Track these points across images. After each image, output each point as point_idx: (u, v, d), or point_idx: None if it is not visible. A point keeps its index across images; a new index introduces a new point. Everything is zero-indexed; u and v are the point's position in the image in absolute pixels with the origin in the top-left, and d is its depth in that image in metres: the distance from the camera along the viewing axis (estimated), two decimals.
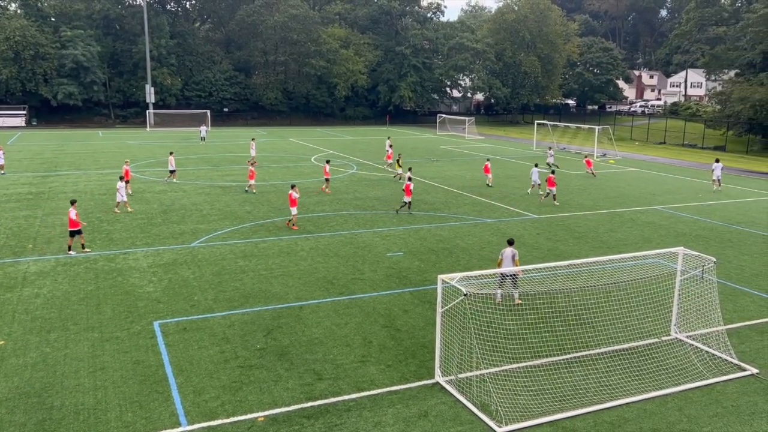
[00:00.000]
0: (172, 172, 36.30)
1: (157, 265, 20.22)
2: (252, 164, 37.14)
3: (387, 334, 15.21)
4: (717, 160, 38.57)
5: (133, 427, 11.02)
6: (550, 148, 42.39)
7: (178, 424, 11.14)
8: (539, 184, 34.34)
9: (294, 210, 25.31)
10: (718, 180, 37.09)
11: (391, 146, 47.03)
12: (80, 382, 12.57)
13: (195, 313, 16.32)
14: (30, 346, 14.11)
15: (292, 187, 25.63)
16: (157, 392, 12.22)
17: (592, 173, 41.46)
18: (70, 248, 21.50)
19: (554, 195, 31.69)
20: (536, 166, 35.82)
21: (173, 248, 22.28)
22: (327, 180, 33.85)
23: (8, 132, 67.52)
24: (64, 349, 14.04)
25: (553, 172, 32.95)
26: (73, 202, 21.89)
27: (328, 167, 33.96)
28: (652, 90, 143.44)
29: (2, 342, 14.30)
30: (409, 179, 29.13)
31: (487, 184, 36.61)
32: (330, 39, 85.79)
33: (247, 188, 33.53)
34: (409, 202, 28.46)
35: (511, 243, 17.61)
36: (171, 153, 38.23)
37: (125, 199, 27.95)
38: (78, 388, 12.30)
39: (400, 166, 38.46)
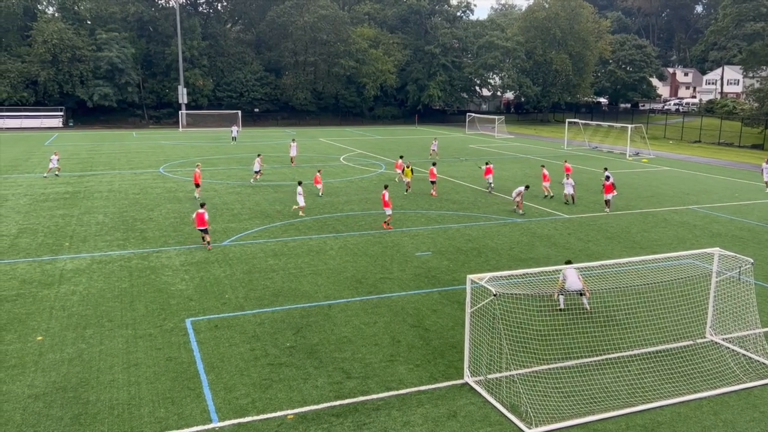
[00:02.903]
0: (257, 172, 37.03)
1: (189, 264, 20.53)
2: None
3: (416, 333, 15.20)
4: None
5: (166, 423, 11.20)
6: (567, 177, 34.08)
7: (209, 421, 11.29)
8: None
9: (388, 210, 25.38)
10: None
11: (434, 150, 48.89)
12: (115, 377, 12.83)
13: (226, 311, 16.52)
14: (67, 342, 14.45)
15: (385, 187, 25.94)
16: (189, 389, 12.40)
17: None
18: (209, 243, 22.50)
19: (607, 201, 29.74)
20: (606, 169, 34.84)
21: (205, 247, 22.57)
22: (433, 182, 33.22)
23: (46, 132, 69.26)
24: (99, 345, 14.34)
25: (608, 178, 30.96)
26: (202, 205, 22.65)
27: (435, 169, 33.44)
28: (687, 87, 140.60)
29: (40, 338, 14.68)
30: (486, 162, 34.83)
31: (545, 196, 32.56)
32: (359, 39, 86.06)
33: (320, 194, 32.21)
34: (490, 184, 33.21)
35: (569, 263, 16.70)
36: (259, 155, 38.98)
37: (303, 204, 27.65)
38: (112, 384, 12.56)
39: (412, 173, 34.30)
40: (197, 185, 31.78)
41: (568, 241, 23.94)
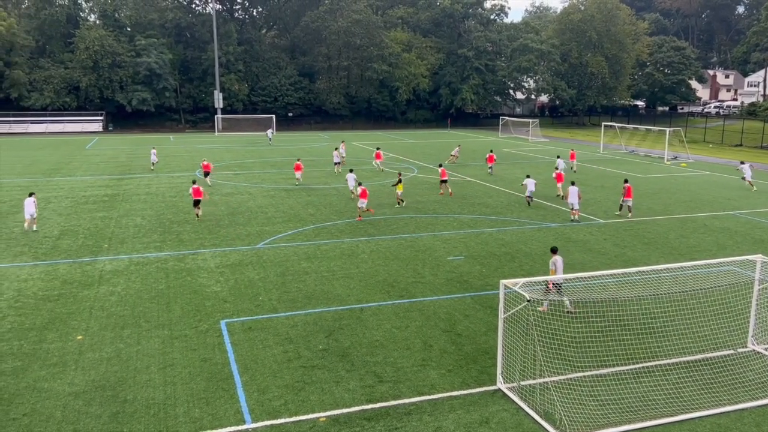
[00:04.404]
0: (337, 163, 41.26)
1: (224, 266, 20.81)
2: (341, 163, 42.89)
3: (448, 338, 15.12)
4: (742, 162, 39.73)
5: (200, 423, 11.35)
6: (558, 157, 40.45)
7: (242, 422, 11.41)
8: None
9: (361, 203, 27.41)
10: (749, 180, 37.81)
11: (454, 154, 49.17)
12: (151, 377, 13.06)
13: (260, 313, 16.69)
14: (105, 342, 14.78)
15: (359, 184, 28.92)
16: (223, 390, 12.56)
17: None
18: (197, 215, 27.71)
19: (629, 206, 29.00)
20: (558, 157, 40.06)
21: (239, 249, 22.88)
22: (444, 182, 34.12)
23: (87, 137, 71.08)
24: (136, 345, 14.63)
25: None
26: (194, 182, 28.87)
27: (445, 169, 34.82)
28: (728, 90, 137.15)
29: (80, 337, 15.04)
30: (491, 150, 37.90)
31: (558, 195, 33.22)
32: (392, 43, 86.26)
33: (298, 182, 37.57)
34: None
35: (555, 251, 17.01)
36: (336, 149, 44.05)
37: (352, 187, 31.64)
38: (149, 383, 12.79)
39: (401, 186, 30.73)
40: (207, 173, 36.77)
41: (603, 247, 23.55)
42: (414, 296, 18.01)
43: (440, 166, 35.73)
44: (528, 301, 12.08)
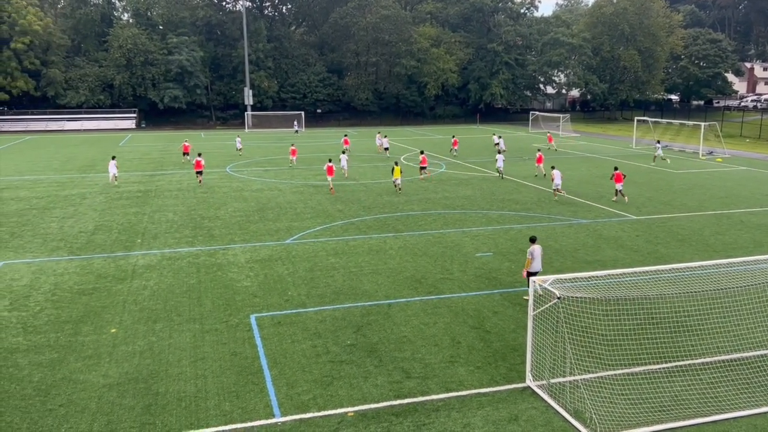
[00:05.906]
0: (386, 149, 48.75)
1: (254, 261, 21.02)
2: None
3: (476, 335, 15.05)
4: (658, 141, 47.68)
5: (230, 416, 11.50)
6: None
7: (272, 415, 11.52)
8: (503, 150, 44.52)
9: (330, 178, 33.22)
10: (659, 156, 45.37)
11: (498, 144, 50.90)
12: (182, 370, 13.27)
13: (289, 307, 16.83)
14: (138, 335, 15.06)
15: (329, 160, 34.69)
16: (253, 383, 12.70)
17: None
18: (200, 181, 35.93)
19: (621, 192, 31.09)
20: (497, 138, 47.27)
21: (269, 245, 23.09)
22: (423, 168, 37.31)
23: (121, 134, 72.42)
24: (168, 339, 14.87)
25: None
26: (200, 154, 37.90)
27: (425, 157, 38.06)
28: (766, 83, 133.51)
29: (114, 330, 15.35)
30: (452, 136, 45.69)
31: (536, 175, 38.50)
32: (421, 38, 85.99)
33: (292, 164, 43.73)
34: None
35: (534, 240, 17.01)
36: (385, 136, 50.86)
37: (346, 167, 38.19)
38: (180, 376, 13.00)
39: (401, 172, 33.63)
40: (186, 154, 45.70)
41: (636, 243, 23.17)
42: (442, 292, 17.96)
43: (421, 152, 39.20)
44: (558, 298, 11.96)
